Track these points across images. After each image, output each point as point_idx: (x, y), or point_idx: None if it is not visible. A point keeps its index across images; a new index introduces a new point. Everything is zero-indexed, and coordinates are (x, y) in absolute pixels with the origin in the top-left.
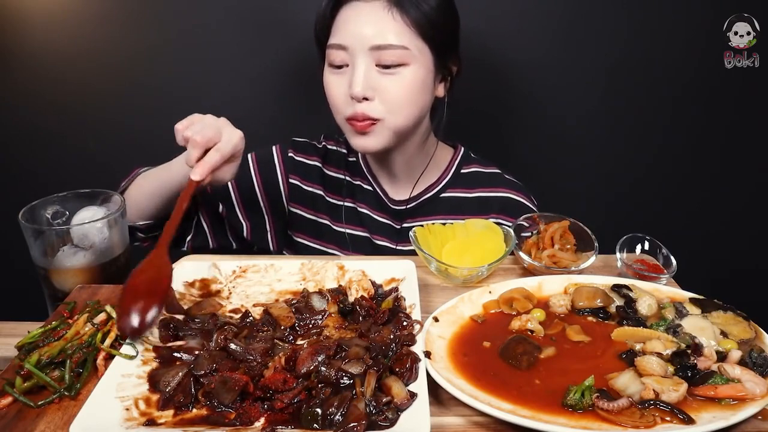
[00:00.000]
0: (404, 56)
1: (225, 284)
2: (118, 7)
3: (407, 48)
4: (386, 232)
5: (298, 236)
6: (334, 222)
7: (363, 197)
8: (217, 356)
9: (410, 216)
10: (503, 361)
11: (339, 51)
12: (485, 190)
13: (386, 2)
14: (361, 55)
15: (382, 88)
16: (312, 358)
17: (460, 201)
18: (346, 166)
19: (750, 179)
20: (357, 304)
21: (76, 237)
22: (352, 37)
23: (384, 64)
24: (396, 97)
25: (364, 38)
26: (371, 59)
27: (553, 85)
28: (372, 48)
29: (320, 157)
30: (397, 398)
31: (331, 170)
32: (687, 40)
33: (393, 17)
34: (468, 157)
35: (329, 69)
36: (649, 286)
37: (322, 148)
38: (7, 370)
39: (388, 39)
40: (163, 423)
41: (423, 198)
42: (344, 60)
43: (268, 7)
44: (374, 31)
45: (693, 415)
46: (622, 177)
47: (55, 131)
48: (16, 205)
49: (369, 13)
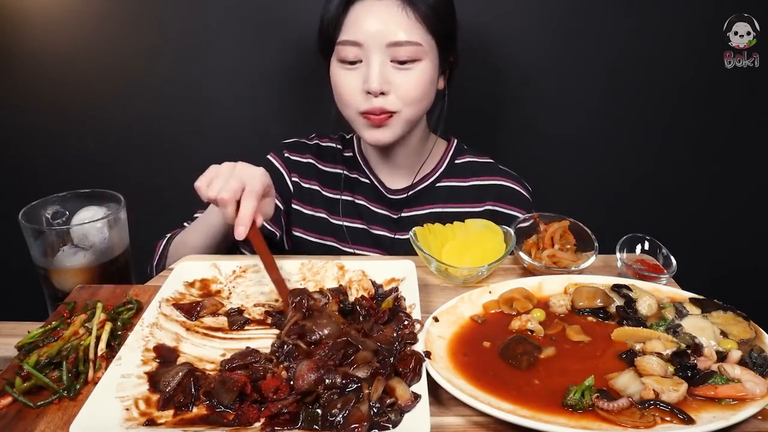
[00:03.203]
0: (417, 52)
1: (225, 284)
2: (118, 7)
3: (420, 44)
4: (384, 222)
5: (296, 231)
6: (331, 216)
7: (360, 190)
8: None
9: (407, 206)
10: (503, 361)
11: (352, 47)
12: (480, 179)
13: (399, 0)
14: (376, 51)
15: (397, 82)
16: (309, 374)
17: (456, 190)
18: (343, 160)
19: (750, 179)
20: (357, 304)
21: (76, 237)
22: (367, 34)
23: (399, 59)
24: (411, 91)
25: (379, 35)
26: (386, 55)
27: (553, 85)
28: (388, 45)
29: (313, 154)
30: (400, 400)
31: (326, 166)
32: (687, 40)
33: (407, 15)
34: (461, 149)
35: (339, 65)
36: (649, 286)
37: (314, 145)
38: (7, 370)
39: (403, 36)
40: (163, 423)
41: (419, 188)
42: (357, 56)
43: (268, 7)
44: (389, 28)
45: (693, 415)
46: (622, 177)
47: (55, 131)
48: (16, 205)
49: (383, 10)
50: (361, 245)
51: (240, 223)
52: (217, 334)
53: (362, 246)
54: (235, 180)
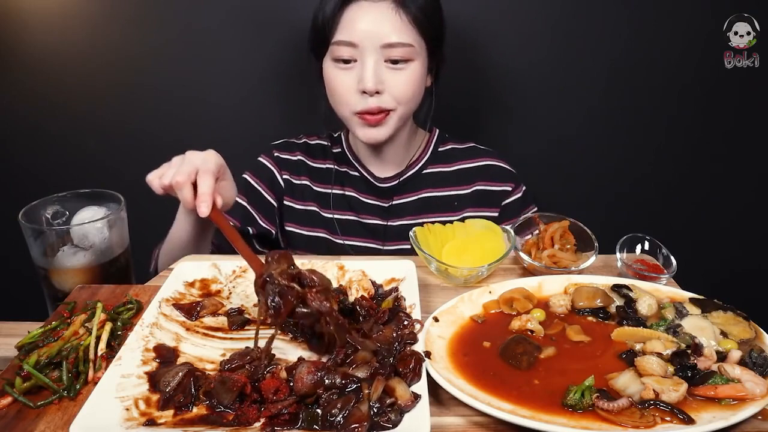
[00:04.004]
0: (410, 53)
1: (225, 284)
2: (118, 7)
3: (412, 45)
4: (375, 211)
5: (288, 226)
6: (322, 209)
7: (350, 182)
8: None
9: (397, 194)
10: (503, 361)
11: (347, 47)
12: (464, 162)
13: (393, 3)
14: (371, 51)
15: (391, 82)
16: (308, 377)
17: (444, 175)
18: (333, 156)
19: (750, 179)
20: (357, 304)
21: (76, 237)
22: (361, 35)
23: (392, 60)
24: (404, 90)
25: (374, 36)
26: (380, 56)
27: (553, 85)
28: (383, 46)
29: (302, 152)
30: (400, 400)
31: (316, 162)
32: (687, 40)
33: (400, 17)
34: (443, 138)
35: (334, 64)
36: (649, 286)
37: (303, 144)
38: (7, 370)
39: (397, 37)
40: (163, 423)
41: (407, 175)
42: (352, 56)
43: (269, 7)
44: (384, 29)
45: (693, 415)
46: (622, 177)
47: (55, 131)
48: (16, 205)
49: (378, 12)
50: (352, 236)
51: (201, 200)
52: (217, 334)
53: (354, 237)
54: (187, 164)
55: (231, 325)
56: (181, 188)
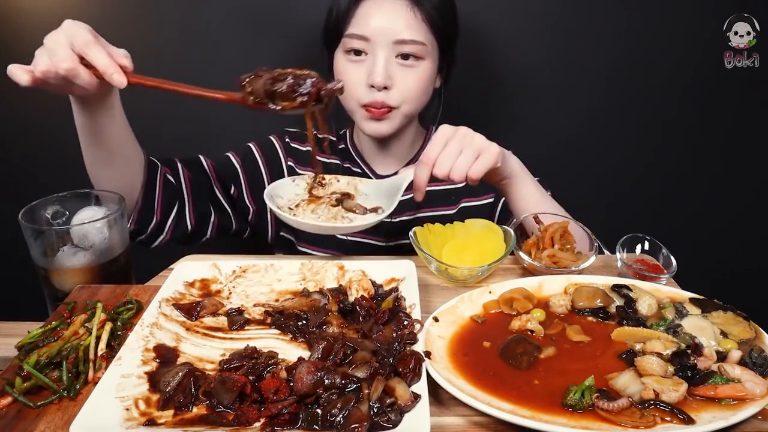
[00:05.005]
0: (421, 51)
1: (225, 284)
2: (118, 7)
3: (424, 44)
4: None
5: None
6: None
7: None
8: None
9: None
10: (503, 361)
11: (359, 41)
12: None
13: (407, 0)
14: (383, 47)
15: (400, 79)
16: (308, 377)
17: None
18: (338, 152)
19: (750, 179)
20: (357, 304)
21: (76, 237)
22: (375, 30)
23: (403, 56)
24: (412, 88)
25: (387, 32)
26: (392, 52)
27: (553, 85)
28: (395, 42)
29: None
30: (400, 400)
31: (322, 157)
32: (687, 40)
33: (414, 15)
34: None
35: (345, 56)
36: (649, 286)
37: (314, 136)
38: (7, 370)
39: (410, 35)
40: (163, 423)
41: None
42: (364, 49)
43: (269, 7)
44: (397, 26)
45: (693, 415)
46: (622, 177)
47: (55, 131)
48: (16, 205)
49: (392, 8)
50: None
51: (110, 72)
52: (217, 334)
53: (356, 233)
54: (60, 47)
55: (231, 325)
56: (75, 75)
